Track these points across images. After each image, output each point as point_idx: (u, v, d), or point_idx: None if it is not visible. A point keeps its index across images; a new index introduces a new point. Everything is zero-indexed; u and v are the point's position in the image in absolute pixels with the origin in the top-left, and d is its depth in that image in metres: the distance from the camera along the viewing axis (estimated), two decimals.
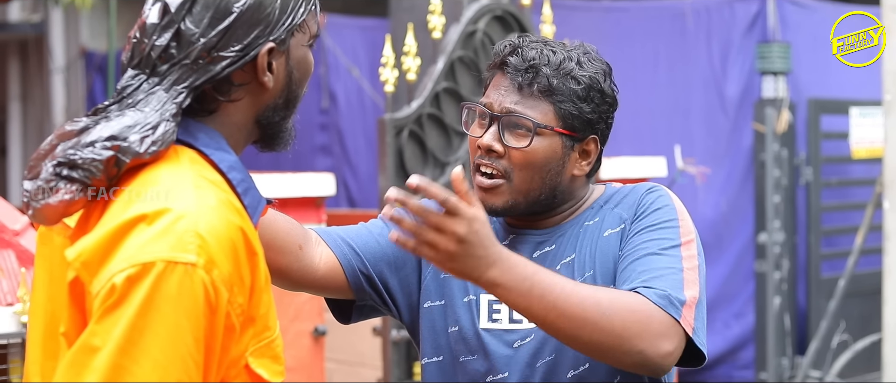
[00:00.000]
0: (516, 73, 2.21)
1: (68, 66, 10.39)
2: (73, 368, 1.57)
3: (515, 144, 2.19)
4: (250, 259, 1.68)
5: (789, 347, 7.22)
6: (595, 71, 2.23)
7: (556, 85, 2.19)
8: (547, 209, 2.26)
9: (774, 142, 7.13)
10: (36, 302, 1.80)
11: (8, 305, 3.53)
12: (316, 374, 4.98)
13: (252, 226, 1.72)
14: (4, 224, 3.63)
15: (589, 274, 2.19)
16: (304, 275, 2.24)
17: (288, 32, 1.79)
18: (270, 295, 1.77)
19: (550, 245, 2.26)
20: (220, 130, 1.78)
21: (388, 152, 4.74)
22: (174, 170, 1.69)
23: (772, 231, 7.12)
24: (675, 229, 2.16)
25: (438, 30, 4.87)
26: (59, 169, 1.68)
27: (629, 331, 1.97)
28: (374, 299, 2.33)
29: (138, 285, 1.55)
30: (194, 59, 1.73)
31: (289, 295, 4.65)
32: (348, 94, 9.08)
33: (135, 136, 1.67)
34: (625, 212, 2.22)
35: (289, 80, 1.82)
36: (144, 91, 1.72)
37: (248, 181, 1.78)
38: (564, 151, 2.22)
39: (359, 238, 2.32)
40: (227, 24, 1.73)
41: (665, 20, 7.82)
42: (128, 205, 1.65)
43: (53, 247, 1.77)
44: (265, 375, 1.73)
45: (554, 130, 2.20)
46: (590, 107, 2.21)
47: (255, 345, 1.71)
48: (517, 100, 2.20)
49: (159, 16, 1.74)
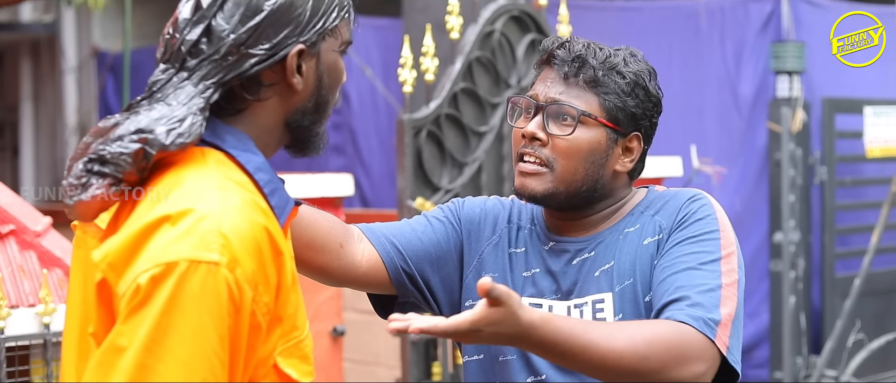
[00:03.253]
0: (563, 63, 2.24)
1: (80, 66, 10.40)
2: (101, 368, 1.58)
3: (559, 132, 2.20)
4: (276, 258, 1.68)
5: (804, 346, 7.21)
6: (640, 69, 2.26)
7: (601, 77, 2.22)
8: (586, 203, 2.26)
9: (789, 141, 7.12)
10: (72, 304, 1.81)
11: (30, 306, 3.54)
12: (334, 374, 4.99)
13: (278, 227, 1.73)
14: (26, 225, 3.64)
15: (628, 282, 2.18)
16: (345, 272, 2.26)
17: (318, 36, 1.80)
18: (299, 295, 1.78)
19: (589, 251, 2.25)
20: (247, 132, 1.79)
21: (406, 152, 4.74)
22: (199, 171, 1.70)
23: (787, 230, 7.11)
24: (716, 242, 2.14)
25: (456, 30, 4.87)
26: (89, 165, 1.70)
27: (667, 366, 1.97)
28: (415, 297, 2.35)
29: (162, 285, 1.56)
30: (223, 55, 1.74)
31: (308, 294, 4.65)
32: (361, 93, 9.08)
33: (161, 129, 1.69)
34: (664, 220, 2.21)
35: (319, 85, 1.83)
36: (173, 85, 1.74)
37: (275, 182, 1.78)
38: (608, 144, 2.23)
39: (402, 235, 2.33)
40: (258, 21, 1.74)
41: (679, 20, 7.82)
42: (152, 206, 1.66)
43: (87, 250, 1.78)
44: (294, 375, 1.74)
45: (598, 120, 2.21)
46: (634, 102, 2.24)
47: (283, 345, 1.72)
48: (563, 91, 2.23)
49: (191, 11, 1.76)
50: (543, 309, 2.22)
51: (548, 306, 2.24)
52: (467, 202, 2.41)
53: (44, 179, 10.38)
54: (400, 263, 2.30)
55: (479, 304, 1.82)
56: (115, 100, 9.79)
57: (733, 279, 2.11)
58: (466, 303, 2.33)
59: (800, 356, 7.18)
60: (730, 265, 2.12)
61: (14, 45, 11.02)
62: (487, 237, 2.35)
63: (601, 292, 2.20)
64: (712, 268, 2.10)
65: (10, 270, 3.56)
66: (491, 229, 2.36)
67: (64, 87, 10.42)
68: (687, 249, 2.13)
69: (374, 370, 6.14)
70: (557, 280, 2.25)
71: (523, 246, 2.32)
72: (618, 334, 1.96)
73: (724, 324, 2.03)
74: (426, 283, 2.34)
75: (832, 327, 7.20)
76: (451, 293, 2.36)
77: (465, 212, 2.39)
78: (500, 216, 2.37)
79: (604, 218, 2.29)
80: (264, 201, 1.74)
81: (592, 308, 2.20)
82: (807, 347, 7.25)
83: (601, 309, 2.19)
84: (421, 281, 2.33)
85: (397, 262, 2.30)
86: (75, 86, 10.40)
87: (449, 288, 2.36)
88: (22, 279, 3.58)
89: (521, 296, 2.24)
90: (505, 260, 2.31)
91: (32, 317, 3.52)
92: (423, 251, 2.33)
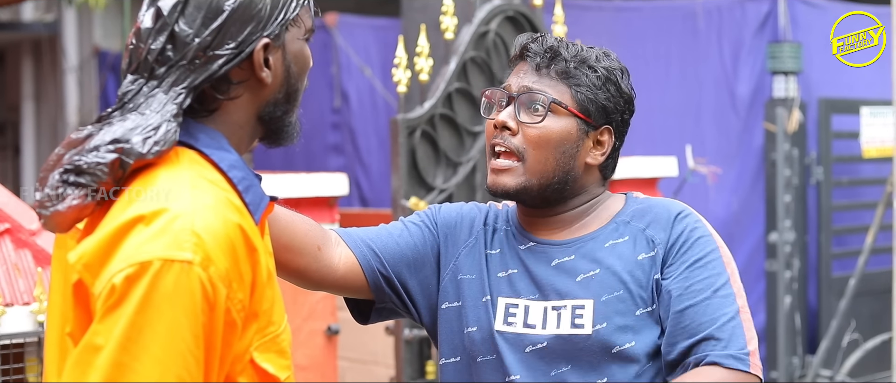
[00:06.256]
0: (535, 55, 2.27)
1: (81, 66, 10.43)
2: (78, 367, 1.60)
3: (529, 120, 2.23)
4: (250, 255, 1.70)
5: (800, 346, 7.23)
6: (612, 66, 2.29)
7: (573, 69, 2.25)
8: (559, 198, 2.28)
9: (785, 141, 7.14)
10: (53, 304, 1.82)
11: (25, 304, 3.56)
12: (329, 373, 5.01)
13: (253, 224, 1.75)
14: (21, 224, 3.66)
15: (618, 293, 2.20)
16: (322, 275, 2.27)
17: (281, 27, 1.82)
18: (275, 291, 1.79)
19: (570, 255, 2.26)
20: (221, 130, 1.81)
21: (400, 152, 4.76)
22: (173, 171, 1.72)
23: (782, 230, 7.13)
24: (720, 261, 2.21)
25: (451, 30, 4.89)
26: (65, 176, 1.71)
27: None
28: (393, 301, 2.36)
29: (136, 284, 1.58)
30: (190, 60, 1.75)
31: (303, 294, 4.68)
32: (360, 93, 9.10)
33: (137, 138, 1.70)
34: (657, 235, 2.24)
35: (287, 75, 1.85)
36: (144, 94, 1.75)
37: (249, 179, 1.80)
38: (579, 135, 2.25)
39: (379, 239, 2.34)
40: (220, 22, 1.76)
41: (676, 20, 7.83)
42: (126, 206, 1.67)
43: (66, 250, 1.79)
44: (271, 369, 1.75)
45: (568, 110, 2.24)
46: (605, 95, 2.26)
47: (259, 340, 1.74)
48: (535, 80, 2.26)
49: (153, 20, 1.78)
50: (519, 309, 2.26)
51: (524, 306, 2.25)
52: (444, 207, 2.43)
53: None
54: (377, 266, 2.31)
55: None
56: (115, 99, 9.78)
57: (743, 294, 2.20)
58: (443, 306, 2.34)
59: (795, 356, 7.19)
60: (736, 282, 2.21)
61: (15, 44, 11.05)
62: (464, 240, 2.36)
63: (582, 298, 2.21)
64: (726, 291, 2.18)
65: (4, 268, 3.59)
66: (467, 232, 2.37)
67: (65, 86, 10.44)
68: (697, 275, 2.19)
69: (369, 368, 6.16)
70: (536, 280, 2.26)
71: (499, 247, 2.33)
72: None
73: (754, 352, 2.15)
74: (404, 287, 2.35)
75: (827, 327, 7.21)
76: (429, 296, 2.37)
77: (441, 216, 2.40)
78: (476, 219, 2.39)
79: (579, 216, 2.31)
80: (239, 198, 1.75)
81: (571, 312, 2.21)
82: (802, 347, 7.27)
83: (581, 316, 2.20)
84: (398, 284, 2.34)
85: (374, 266, 2.31)
86: (76, 85, 10.42)
87: (427, 292, 2.37)
88: (17, 277, 3.60)
89: (498, 297, 2.27)
90: (481, 261, 2.33)
91: (27, 316, 3.54)
92: (400, 255, 2.34)
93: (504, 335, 2.25)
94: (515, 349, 2.24)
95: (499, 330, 2.26)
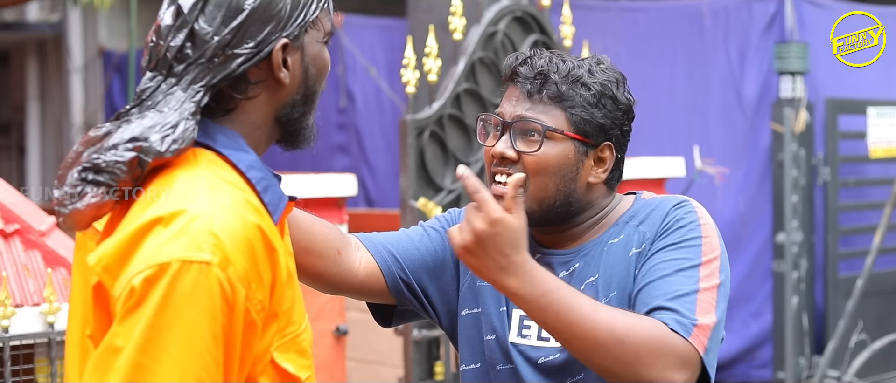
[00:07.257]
0: (526, 81, 2.22)
1: (86, 66, 10.43)
2: (98, 368, 1.60)
3: (527, 149, 2.19)
4: (270, 255, 1.70)
5: (807, 347, 7.22)
6: (606, 79, 2.22)
7: (565, 91, 2.19)
8: (563, 218, 2.25)
9: (792, 142, 7.13)
10: (74, 306, 1.83)
11: (34, 305, 3.56)
12: (337, 373, 5.01)
13: (272, 224, 1.75)
14: (31, 225, 3.66)
15: (613, 294, 2.17)
16: (343, 279, 2.27)
17: (301, 29, 1.81)
18: (295, 290, 1.79)
19: (575, 264, 2.25)
20: (239, 130, 1.81)
21: (409, 153, 4.76)
22: (191, 172, 1.72)
23: (790, 231, 7.12)
24: (697, 248, 2.13)
25: (459, 31, 4.88)
26: (84, 174, 1.71)
27: (642, 361, 1.97)
28: (414, 305, 2.35)
29: (156, 285, 1.58)
30: (209, 58, 1.75)
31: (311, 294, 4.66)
32: (366, 93, 9.11)
33: (156, 136, 1.70)
34: (649, 230, 2.20)
35: (305, 77, 1.85)
36: (163, 92, 1.75)
37: (267, 179, 1.80)
38: (578, 157, 2.21)
39: (399, 244, 2.33)
40: (240, 21, 1.76)
41: (683, 20, 7.83)
42: (145, 208, 1.67)
43: (86, 252, 1.79)
44: (291, 369, 1.75)
45: (564, 134, 2.19)
46: (602, 113, 2.21)
47: (279, 340, 1.74)
48: (528, 107, 2.20)
49: (173, 17, 1.78)
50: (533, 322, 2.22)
51: None
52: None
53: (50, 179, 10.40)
54: (397, 272, 2.31)
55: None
56: (120, 99, 9.81)
57: (713, 283, 2.10)
58: (463, 312, 2.34)
59: (802, 356, 7.19)
60: (710, 270, 2.11)
61: (20, 44, 11.06)
62: None
63: None
64: (690, 273, 2.09)
65: (14, 269, 3.59)
66: None
67: (70, 86, 10.45)
68: (666, 256, 2.13)
69: (378, 369, 6.16)
70: None
71: None
72: (603, 310, 2.00)
73: (701, 328, 2.02)
74: (424, 292, 2.34)
75: (835, 327, 7.20)
76: (449, 302, 2.36)
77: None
78: None
79: (587, 228, 2.28)
80: (257, 199, 1.75)
81: None
82: (809, 347, 7.26)
83: None
84: (418, 289, 2.33)
85: (395, 271, 2.31)
86: (81, 85, 10.44)
87: (446, 298, 2.36)
88: (26, 278, 3.60)
89: (513, 309, 2.26)
90: None
91: (37, 316, 3.54)
92: (421, 260, 2.33)
93: (518, 347, 2.25)
94: (529, 362, 2.23)
95: (513, 342, 2.25)
